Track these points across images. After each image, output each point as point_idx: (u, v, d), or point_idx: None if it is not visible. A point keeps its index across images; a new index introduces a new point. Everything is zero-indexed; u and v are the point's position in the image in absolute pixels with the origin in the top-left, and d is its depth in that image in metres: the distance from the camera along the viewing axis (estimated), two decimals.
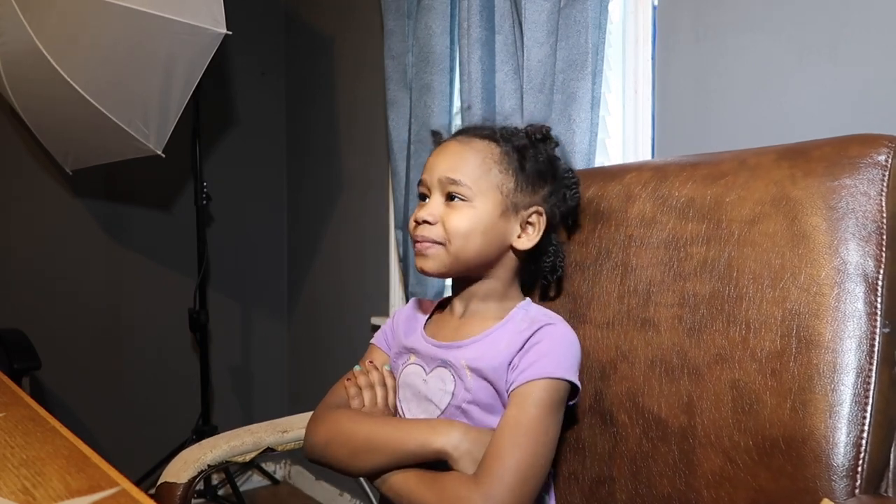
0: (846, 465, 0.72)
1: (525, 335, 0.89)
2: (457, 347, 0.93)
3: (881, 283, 0.76)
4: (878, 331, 0.75)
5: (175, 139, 1.95)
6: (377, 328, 1.09)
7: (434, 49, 1.71)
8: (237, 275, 2.60)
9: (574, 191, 1.00)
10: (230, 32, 1.75)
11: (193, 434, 2.27)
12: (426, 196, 0.94)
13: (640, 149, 1.42)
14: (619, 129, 1.48)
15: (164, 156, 1.96)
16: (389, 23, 1.86)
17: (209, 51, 1.78)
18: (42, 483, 0.58)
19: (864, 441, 0.73)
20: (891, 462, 0.76)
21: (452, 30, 1.71)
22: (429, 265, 0.91)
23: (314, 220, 2.54)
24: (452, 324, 0.98)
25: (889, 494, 0.75)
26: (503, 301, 0.96)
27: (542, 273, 1.02)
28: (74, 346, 2.29)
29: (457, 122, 1.74)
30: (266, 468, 2.65)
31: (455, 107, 1.74)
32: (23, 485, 0.58)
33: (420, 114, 1.76)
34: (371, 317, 2.19)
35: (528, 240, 0.94)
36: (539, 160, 0.95)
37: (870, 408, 0.73)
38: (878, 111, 1.06)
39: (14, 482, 0.59)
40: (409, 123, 1.81)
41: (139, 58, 1.79)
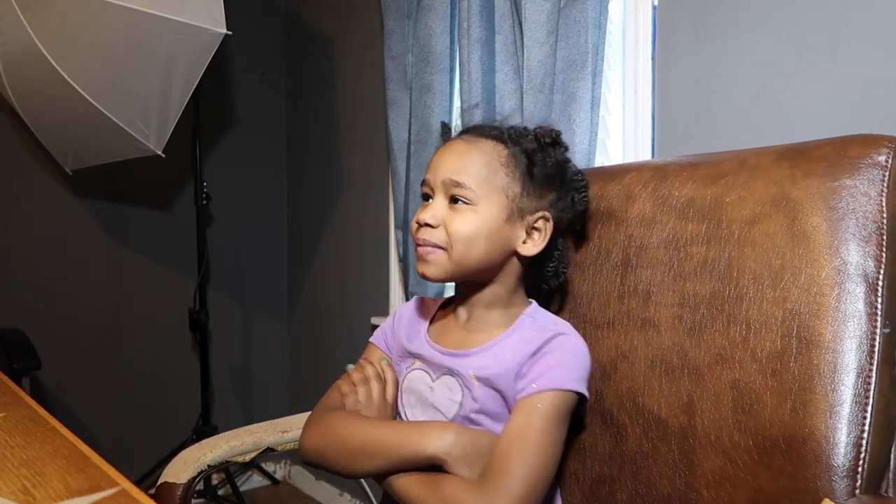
0: (846, 466, 0.72)
1: (535, 344, 0.87)
2: (464, 356, 0.91)
3: (881, 284, 0.76)
4: (879, 331, 0.75)
5: (175, 139, 1.95)
6: (377, 328, 1.07)
7: (434, 49, 1.71)
8: (237, 275, 2.60)
9: (583, 194, 0.98)
10: (230, 32, 1.75)
11: (193, 434, 2.27)
12: (429, 196, 0.91)
13: (640, 149, 1.42)
14: (619, 129, 1.48)
15: (164, 156, 1.96)
16: (389, 23, 1.86)
17: (209, 51, 1.78)
18: (42, 483, 0.58)
19: (865, 441, 0.73)
20: (891, 462, 0.76)
21: (452, 30, 1.71)
22: (430, 271, 0.89)
23: (314, 220, 2.54)
24: (458, 330, 0.95)
25: (889, 495, 0.75)
26: (508, 307, 0.94)
27: (545, 278, 0.99)
28: (74, 346, 2.29)
29: (457, 123, 1.74)
30: (266, 468, 2.65)
31: (455, 107, 1.74)
32: (23, 485, 0.58)
33: (420, 114, 1.76)
34: (371, 317, 2.19)
35: (534, 246, 0.91)
36: (548, 164, 0.91)
37: (870, 408, 0.73)
38: (878, 111, 1.06)
39: (14, 482, 0.59)
40: (409, 123, 1.81)
41: (139, 58, 1.79)
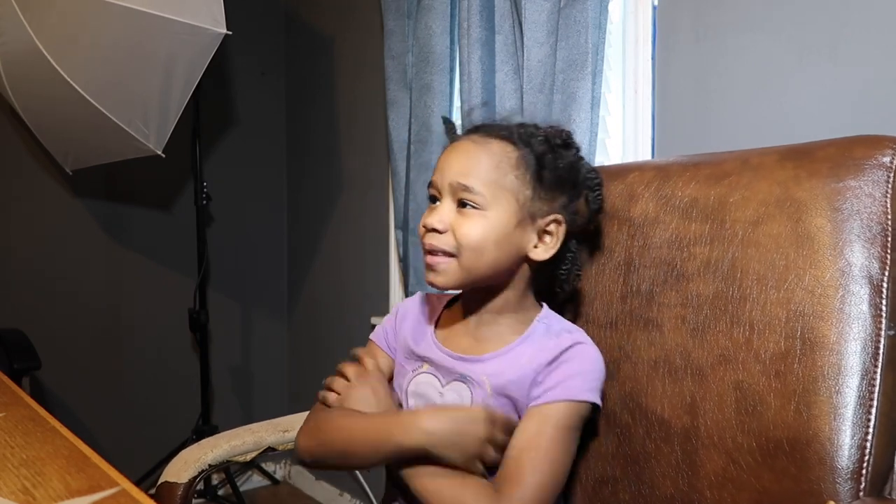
0: (850, 468, 0.72)
1: (552, 353, 0.86)
2: (476, 361, 0.89)
3: (886, 286, 0.76)
4: (883, 333, 0.75)
5: (175, 139, 1.94)
6: (376, 328, 1.06)
7: (434, 49, 1.71)
8: (237, 275, 2.60)
9: (597, 192, 0.95)
10: (230, 32, 1.75)
11: (193, 434, 2.27)
12: (436, 198, 0.89)
13: (640, 149, 1.42)
14: (619, 129, 1.48)
15: (164, 156, 1.95)
16: (389, 23, 1.86)
17: (209, 51, 1.78)
18: (42, 483, 0.58)
19: (869, 443, 0.73)
20: (895, 465, 0.76)
21: (452, 30, 1.71)
22: (440, 280, 0.87)
23: (314, 220, 2.54)
24: (467, 334, 0.93)
25: (893, 497, 0.75)
26: (519, 312, 0.92)
27: (558, 282, 0.96)
28: (74, 346, 2.29)
29: (456, 123, 1.74)
30: (266, 468, 2.65)
31: (455, 107, 1.74)
32: (23, 485, 0.58)
33: (420, 114, 1.76)
34: (371, 317, 2.19)
35: (546, 250, 0.89)
36: (559, 167, 0.89)
37: (874, 410, 0.73)
38: (878, 111, 1.06)
39: (14, 482, 0.59)
40: (409, 123, 1.80)
41: (139, 58, 1.79)
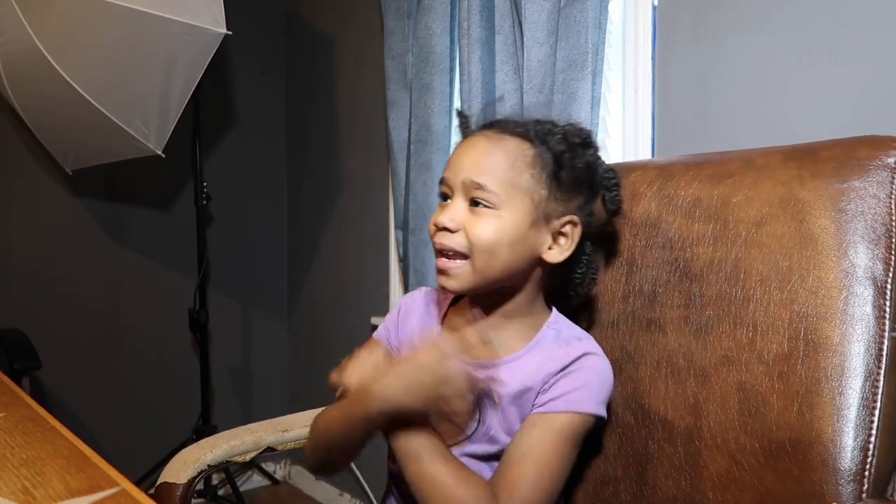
0: (853, 469, 0.72)
1: (561, 362, 0.84)
2: (484, 367, 0.86)
3: (890, 287, 0.76)
4: (887, 334, 0.75)
5: (175, 139, 1.94)
6: (377, 328, 1.04)
7: (434, 49, 1.71)
8: (237, 275, 2.60)
9: (614, 193, 0.92)
10: (230, 32, 1.75)
11: (193, 434, 2.27)
12: (448, 196, 0.86)
13: (640, 149, 1.42)
14: (619, 129, 1.47)
15: (164, 156, 1.95)
16: (389, 23, 1.86)
17: (209, 51, 1.78)
18: (42, 483, 0.58)
19: (872, 445, 0.72)
20: None
21: (452, 30, 1.71)
22: (452, 284, 0.84)
23: (314, 220, 2.54)
24: (474, 339, 0.90)
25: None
26: (528, 316, 0.89)
27: (572, 285, 0.93)
28: (74, 346, 2.28)
29: (456, 123, 1.74)
30: (266, 468, 2.64)
31: (455, 107, 1.74)
32: (23, 485, 0.58)
33: (420, 114, 1.76)
34: (371, 317, 2.18)
35: (560, 252, 0.86)
36: (577, 167, 0.86)
37: (877, 412, 0.73)
38: (878, 111, 1.06)
39: (14, 482, 0.59)
40: (409, 123, 1.80)
41: (139, 58, 1.79)
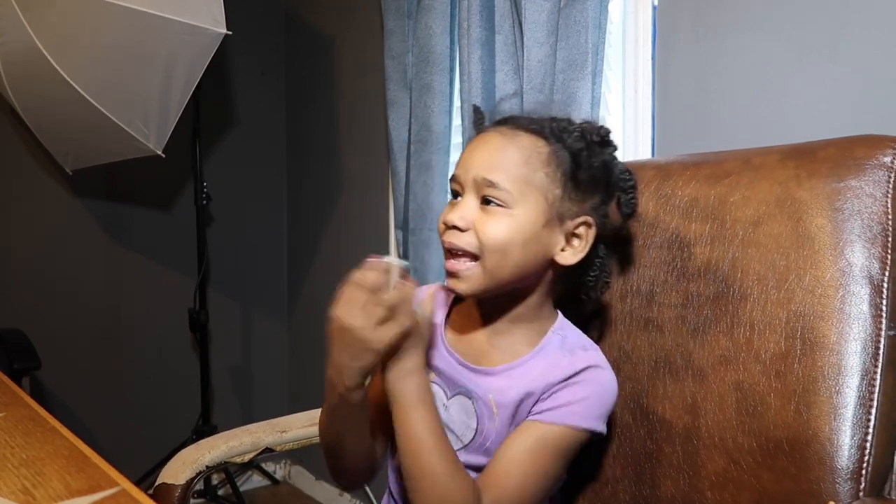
0: (850, 468, 0.72)
1: (564, 372, 0.81)
2: (484, 375, 0.85)
3: (886, 286, 0.76)
4: (884, 333, 0.75)
5: (175, 139, 1.94)
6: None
7: (434, 49, 1.71)
8: (237, 275, 2.60)
9: (630, 195, 0.88)
10: (230, 32, 1.75)
11: (193, 434, 2.27)
12: (458, 194, 0.83)
13: (640, 149, 1.42)
14: (619, 129, 1.47)
15: (164, 156, 1.95)
16: (389, 23, 1.86)
17: (209, 51, 1.78)
18: (42, 483, 0.58)
19: (869, 444, 0.73)
20: (895, 465, 0.76)
21: (452, 30, 1.71)
22: (462, 287, 0.81)
23: (314, 220, 2.54)
24: (477, 342, 0.88)
25: (893, 497, 0.75)
26: (535, 321, 0.87)
27: (584, 289, 0.90)
28: (74, 346, 2.29)
29: (456, 122, 1.74)
30: (266, 468, 2.65)
31: (455, 107, 1.74)
32: (23, 485, 0.58)
33: (420, 114, 1.76)
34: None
35: (574, 254, 0.83)
36: (593, 166, 0.83)
37: (874, 410, 0.73)
38: (878, 111, 1.06)
39: (14, 482, 0.59)
40: (409, 123, 1.80)
41: (139, 58, 1.79)
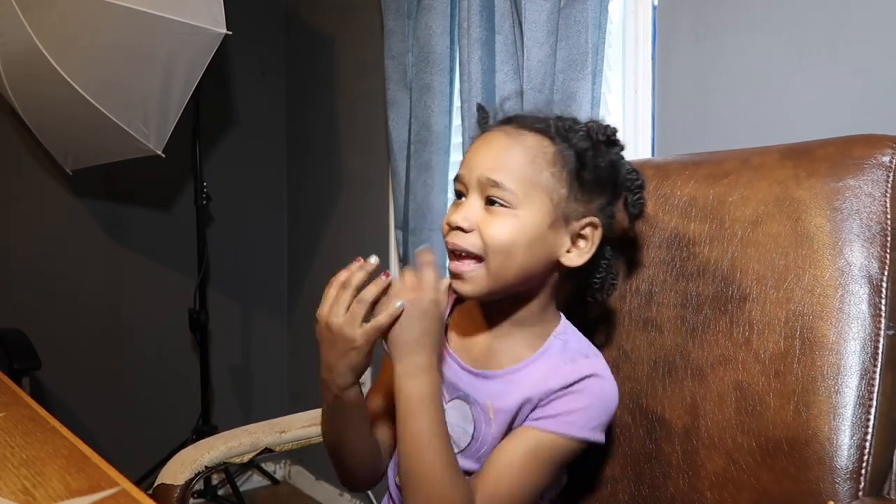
0: (850, 468, 0.72)
1: (564, 380, 0.80)
2: (483, 379, 0.84)
3: (885, 285, 0.76)
4: (883, 333, 0.75)
5: (175, 139, 1.95)
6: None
7: (434, 49, 1.71)
8: (237, 275, 2.60)
9: (637, 196, 0.87)
10: (230, 32, 1.75)
11: (193, 434, 2.27)
12: (462, 194, 0.82)
13: (640, 149, 1.42)
14: (620, 129, 1.47)
15: (164, 156, 1.95)
16: (389, 23, 1.86)
17: (209, 51, 1.78)
18: (42, 483, 0.58)
19: (868, 443, 0.73)
20: (894, 464, 0.76)
21: (452, 30, 1.71)
22: (466, 289, 0.80)
23: (314, 220, 2.54)
24: (479, 344, 0.87)
25: (892, 497, 0.75)
26: (538, 324, 0.85)
27: (590, 291, 0.89)
28: (74, 346, 2.29)
29: (456, 123, 1.74)
30: (266, 468, 2.65)
31: (455, 107, 1.74)
32: (23, 485, 0.58)
33: (420, 114, 1.76)
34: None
35: (579, 255, 0.82)
36: (599, 166, 0.82)
37: (874, 410, 0.73)
38: (878, 111, 1.06)
39: (14, 482, 0.59)
40: (409, 123, 1.80)
41: (139, 58, 1.79)
